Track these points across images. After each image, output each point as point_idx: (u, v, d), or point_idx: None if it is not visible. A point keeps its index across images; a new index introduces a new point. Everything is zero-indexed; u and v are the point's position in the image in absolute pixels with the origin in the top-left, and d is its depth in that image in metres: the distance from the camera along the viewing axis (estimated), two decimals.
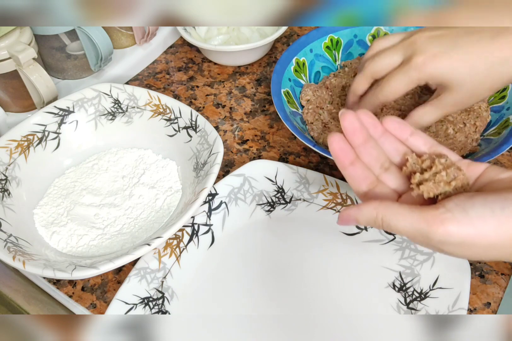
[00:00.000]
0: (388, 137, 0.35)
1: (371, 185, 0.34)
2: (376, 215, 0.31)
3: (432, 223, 0.29)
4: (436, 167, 0.32)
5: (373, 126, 0.34)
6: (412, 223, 0.30)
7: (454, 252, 0.30)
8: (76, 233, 0.45)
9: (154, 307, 0.41)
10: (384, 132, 0.35)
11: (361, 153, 0.34)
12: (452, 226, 0.28)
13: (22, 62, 0.48)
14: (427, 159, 0.33)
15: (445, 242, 0.29)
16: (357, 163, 0.34)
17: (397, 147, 0.35)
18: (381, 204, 0.31)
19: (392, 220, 0.31)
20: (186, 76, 0.63)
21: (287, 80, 0.53)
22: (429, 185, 0.32)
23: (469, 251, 0.29)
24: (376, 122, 0.35)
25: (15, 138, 0.48)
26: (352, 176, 0.34)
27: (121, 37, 0.61)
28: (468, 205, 0.29)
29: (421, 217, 0.29)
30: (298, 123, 0.50)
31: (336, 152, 0.34)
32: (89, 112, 0.52)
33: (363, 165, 0.34)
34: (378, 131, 0.35)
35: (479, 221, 0.28)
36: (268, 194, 0.47)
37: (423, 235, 0.29)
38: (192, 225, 0.45)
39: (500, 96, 0.50)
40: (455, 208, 0.29)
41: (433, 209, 0.29)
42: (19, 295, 0.45)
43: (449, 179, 0.32)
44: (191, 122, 0.49)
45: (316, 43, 0.56)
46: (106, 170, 0.50)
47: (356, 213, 0.32)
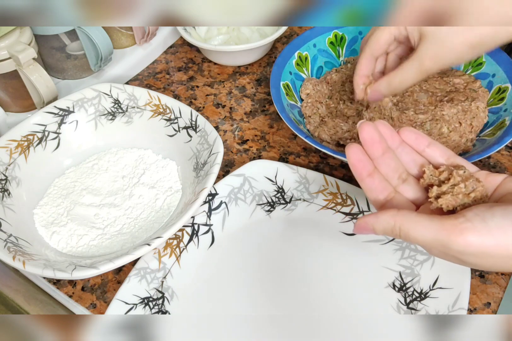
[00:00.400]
0: (405, 148, 0.35)
1: (389, 196, 0.34)
2: (394, 224, 0.31)
3: (451, 232, 0.28)
4: (454, 179, 0.32)
5: (390, 137, 0.34)
6: (431, 232, 0.29)
7: (473, 262, 0.29)
8: (76, 233, 0.45)
9: (154, 307, 0.41)
10: (401, 143, 0.35)
11: (379, 164, 0.34)
12: (472, 236, 0.28)
13: (22, 62, 0.48)
14: (445, 171, 0.33)
15: (464, 252, 0.29)
16: (375, 174, 0.34)
17: (414, 158, 0.35)
18: (399, 213, 0.31)
19: (410, 229, 0.30)
20: (186, 76, 0.63)
21: (288, 73, 0.53)
22: (448, 197, 0.31)
23: (488, 261, 0.29)
24: (394, 133, 0.35)
25: (15, 138, 0.48)
26: (370, 187, 0.34)
27: (121, 37, 0.61)
28: (488, 215, 0.28)
29: (441, 226, 0.29)
30: (295, 116, 0.50)
31: (354, 163, 0.34)
32: (89, 112, 0.52)
33: (381, 176, 0.34)
34: (396, 142, 0.35)
35: (499, 232, 0.28)
36: (268, 194, 0.47)
37: (443, 245, 0.29)
38: (192, 225, 0.45)
39: (499, 98, 0.50)
40: (474, 217, 0.29)
41: (453, 219, 0.29)
42: (19, 295, 0.45)
43: (468, 191, 0.31)
44: (191, 122, 0.49)
45: (320, 38, 0.56)
46: (106, 170, 0.50)
47: (373, 221, 0.32)
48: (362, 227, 0.33)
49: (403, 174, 0.35)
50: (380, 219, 0.32)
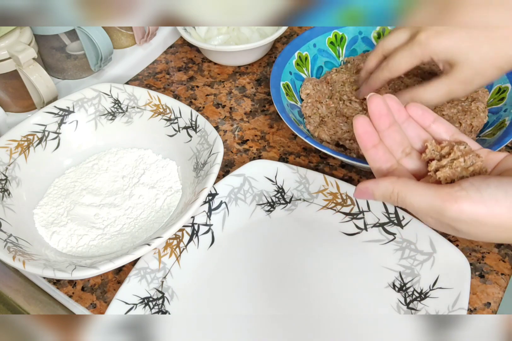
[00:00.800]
0: (411, 123, 0.36)
1: (391, 167, 0.35)
2: (392, 190, 0.32)
3: (446, 200, 0.30)
4: (454, 154, 0.33)
5: (398, 111, 0.35)
6: (427, 199, 0.31)
7: (466, 230, 0.30)
8: (76, 233, 0.45)
9: (154, 307, 0.41)
10: (407, 118, 0.36)
11: (385, 137, 0.35)
12: (465, 204, 0.29)
13: (22, 62, 0.48)
14: (446, 146, 0.34)
15: (457, 219, 0.30)
16: (379, 146, 0.35)
17: (419, 133, 0.36)
18: (399, 180, 0.32)
19: (407, 195, 0.31)
20: (186, 76, 0.63)
21: (288, 73, 0.53)
22: (446, 170, 0.32)
23: (480, 230, 0.30)
24: (401, 108, 0.35)
25: (15, 138, 0.48)
26: (374, 158, 0.35)
27: (121, 37, 0.61)
28: (482, 186, 0.29)
29: (437, 193, 0.30)
30: (295, 116, 0.50)
31: (360, 135, 0.35)
32: (89, 112, 0.52)
33: (385, 148, 0.35)
34: (402, 116, 0.36)
35: (492, 201, 0.29)
36: (268, 194, 0.47)
37: (437, 211, 0.30)
38: (192, 225, 0.45)
39: (499, 98, 0.50)
40: (470, 187, 0.30)
41: (449, 187, 0.30)
42: (19, 295, 0.45)
43: (466, 165, 0.32)
44: (191, 122, 0.49)
45: (320, 38, 0.56)
46: (106, 170, 0.50)
47: (373, 186, 0.33)
48: (362, 192, 0.34)
49: (407, 148, 0.36)
50: (380, 185, 0.33)
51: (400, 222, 0.43)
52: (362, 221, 0.45)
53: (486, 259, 0.44)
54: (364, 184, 0.34)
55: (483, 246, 0.45)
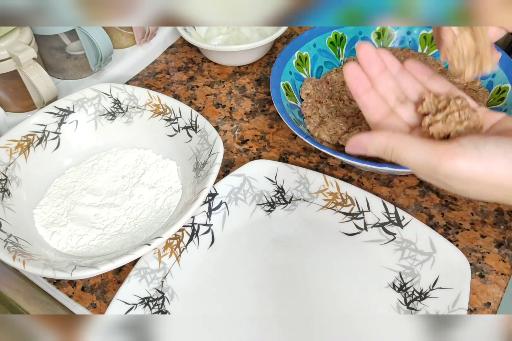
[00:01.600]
0: (406, 75, 0.35)
1: (385, 114, 0.34)
2: (387, 144, 0.31)
3: (442, 156, 0.29)
4: (450, 108, 0.32)
5: (391, 63, 0.34)
6: (422, 154, 0.29)
7: (459, 188, 0.29)
8: (76, 233, 0.45)
9: (154, 307, 0.41)
10: (401, 70, 0.35)
11: (377, 83, 0.34)
12: (462, 161, 0.28)
13: (22, 62, 0.48)
14: (443, 100, 0.33)
15: (451, 177, 0.29)
16: (372, 92, 0.34)
17: (414, 85, 0.35)
18: (394, 134, 0.31)
19: (403, 150, 0.30)
20: (186, 76, 0.63)
21: (288, 74, 0.53)
22: (439, 125, 0.31)
23: (474, 188, 0.29)
24: (394, 60, 0.34)
25: (15, 138, 0.48)
26: (366, 103, 0.34)
27: (121, 37, 0.61)
28: (481, 143, 0.28)
29: (433, 149, 0.29)
30: (295, 116, 0.50)
31: (350, 80, 0.33)
32: (89, 112, 0.52)
33: (378, 94, 0.34)
34: (395, 67, 0.34)
35: (489, 159, 0.28)
36: (268, 194, 0.47)
37: (432, 168, 0.29)
38: (192, 225, 0.45)
39: (499, 98, 0.50)
40: (468, 144, 0.29)
41: (446, 143, 0.29)
42: (19, 295, 0.45)
43: (461, 119, 0.31)
44: (191, 122, 0.49)
45: (320, 38, 0.56)
46: (106, 170, 0.50)
47: (366, 140, 0.32)
48: (354, 145, 0.33)
49: (401, 96, 0.34)
50: (374, 139, 0.32)
51: (400, 222, 0.43)
52: (362, 221, 0.45)
53: (486, 259, 0.44)
54: (357, 137, 0.32)
55: (483, 246, 0.45)
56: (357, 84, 0.33)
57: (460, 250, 0.40)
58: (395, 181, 0.50)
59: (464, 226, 0.46)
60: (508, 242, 0.45)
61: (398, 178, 0.50)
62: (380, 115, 0.34)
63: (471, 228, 0.46)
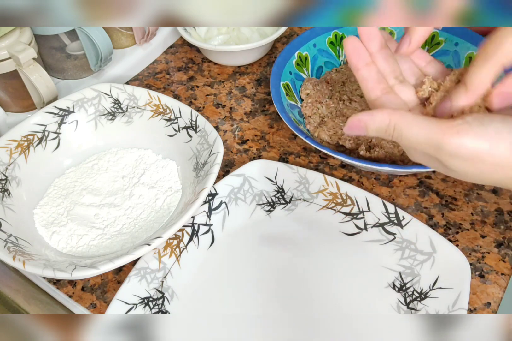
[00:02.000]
0: (404, 57, 0.34)
1: (384, 90, 0.33)
2: (389, 122, 0.30)
3: (447, 132, 0.28)
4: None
5: (389, 42, 0.34)
6: (425, 131, 0.29)
7: (460, 168, 0.29)
8: (76, 233, 0.45)
9: (154, 307, 0.41)
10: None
11: (377, 59, 0.33)
12: (467, 138, 0.27)
13: (22, 62, 0.48)
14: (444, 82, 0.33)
15: (455, 155, 0.28)
16: (372, 66, 0.33)
17: (411, 67, 0.34)
18: (396, 112, 0.30)
19: (405, 128, 0.29)
20: (186, 76, 0.63)
21: (288, 74, 0.53)
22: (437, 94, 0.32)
23: (476, 167, 0.28)
24: (393, 41, 0.34)
25: (15, 138, 0.48)
26: (366, 78, 0.33)
27: (121, 37, 0.61)
28: (486, 120, 0.28)
29: (437, 126, 0.28)
30: (295, 116, 0.50)
31: (350, 53, 0.33)
32: (89, 112, 0.52)
33: (378, 69, 0.33)
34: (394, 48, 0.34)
35: (496, 137, 0.27)
36: (268, 194, 0.47)
37: (435, 145, 0.28)
38: (192, 225, 0.45)
39: None
40: (473, 121, 0.28)
41: (451, 120, 0.28)
42: (19, 295, 0.45)
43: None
44: (191, 122, 0.49)
45: (320, 38, 0.56)
46: (106, 170, 0.50)
47: (367, 118, 0.31)
48: (354, 125, 0.31)
49: (400, 76, 0.34)
50: (375, 117, 0.30)
51: (400, 222, 0.43)
52: (362, 221, 0.45)
53: (486, 259, 0.44)
54: (357, 116, 0.31)
55: (483, 246, 0.45)
56: (357, 58, 0.33)
57: (460, 250, 0.40)
58: (395, 181, 0.50)
59: (464, 226, 0.46)
60: (508, 242, 0.45)
61: (398, 178, 0.50)
62: (380, 90, 0.33)
63: (471, 228, 0.46)
